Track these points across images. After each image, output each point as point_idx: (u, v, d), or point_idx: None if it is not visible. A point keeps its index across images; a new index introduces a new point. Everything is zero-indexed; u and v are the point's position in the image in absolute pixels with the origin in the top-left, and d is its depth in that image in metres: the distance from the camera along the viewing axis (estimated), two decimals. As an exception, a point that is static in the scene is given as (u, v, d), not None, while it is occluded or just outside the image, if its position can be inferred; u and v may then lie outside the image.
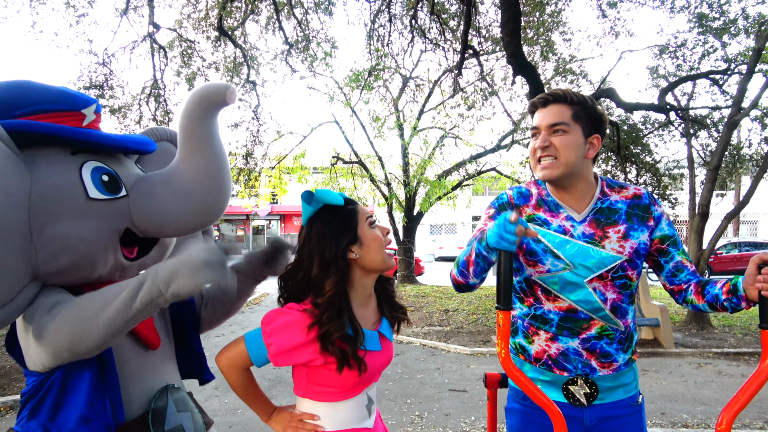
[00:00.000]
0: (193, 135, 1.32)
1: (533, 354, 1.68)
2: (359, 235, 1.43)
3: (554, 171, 1.61)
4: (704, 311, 1.61)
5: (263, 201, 18.66)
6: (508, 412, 1.77)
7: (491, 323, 9.22)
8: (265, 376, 5.91)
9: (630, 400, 1.67)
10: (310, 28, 11.66)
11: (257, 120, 12.72)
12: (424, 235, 30.74)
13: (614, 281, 1.61)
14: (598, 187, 1.69)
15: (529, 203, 1.72)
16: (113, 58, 10.63)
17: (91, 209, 1.32)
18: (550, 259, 1.62)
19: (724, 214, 8.63)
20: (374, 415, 1.55)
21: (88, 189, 1.32)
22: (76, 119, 1.39)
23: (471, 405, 5.00)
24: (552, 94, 1.65)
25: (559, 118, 1.61)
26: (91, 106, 1.42)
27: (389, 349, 1.54)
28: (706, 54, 9.69)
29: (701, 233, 8.62)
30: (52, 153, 1.33)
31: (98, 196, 1.33)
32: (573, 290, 1.61)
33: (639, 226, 1.64)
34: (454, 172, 15.53)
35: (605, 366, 1.62)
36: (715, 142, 10.29)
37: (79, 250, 1.29)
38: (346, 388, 1.43)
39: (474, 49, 10.02)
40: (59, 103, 1.36)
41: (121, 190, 1.38)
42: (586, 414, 1.63)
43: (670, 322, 7.62)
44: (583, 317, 1.61)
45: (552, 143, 1.61)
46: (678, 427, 4.43)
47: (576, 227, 1.63)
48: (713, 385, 5.66)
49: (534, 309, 1.68)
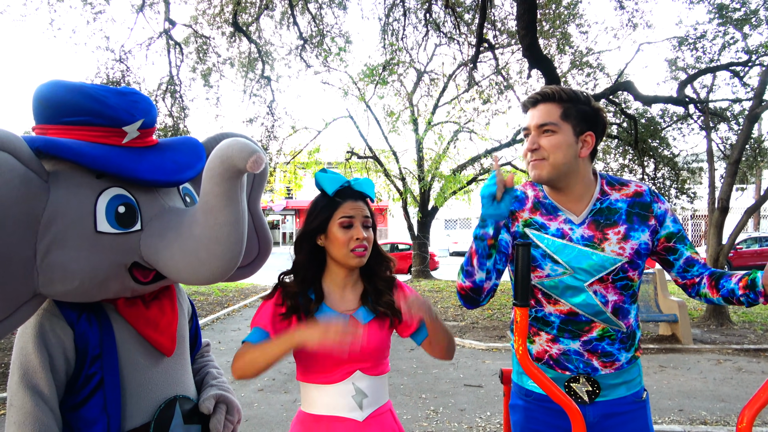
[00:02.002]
0: (211, 192, 1.23)
1: (534, 353, 1.67)
2: (327, 229, 1.58)
3: (542, 171, 1.58)
4: (718, 304, 1.58)
5: (278, 196, 18.77)
6: (512, 408, 1.76)
7: (506, 318, 9.19)
8: (281, 371, 5.96)
9: (634, 397, 1.65)
10: (324, 23, 11.67)
11: (272, 115, 12.79)
12: (438, 229, 30.69)
13: (615, 283, 1.59)
14: (597, 186, 1.64)
15: (525, 207, 1.68)
16: (130, 54, 10.75)
17: (97, 242, 1.27)
18: (549, 264, 1.59)
19: (744, 209, 8.49)
20: (369, 411, 1.55)
21: (98, 221, 1.27)
22: (115, 136, 1.33)
23: (486, 400, 4.99)
24: (541, 93, 1.61)
25: (547, 118, 1.57)
26: (135, 123, 1.34)
27: (364, 336, 1.54)
28: (726, 45, 9.53)
29: (721, 228, 8.49)
30: (77, 174, 1.29)
31: (107, 229, 1.28)
32: (573, 294, 1.59)
33: (640, 226, 1.60)
34: (469, 166, 15.47)
35: (607, 365, 1.60)
36: (735, 135, 10.13)
37: (75, 281, 1.25)
38: (324, 367, 1.53)
39: (489, 43, 9.96)
40: (100, 116, 1.30)
41: (135, 223, 1.32)
42: (589, 411, 1.61)
43: (689, 318, 7.53)
44: (584, 320, 1.59)
45: (540, 145, 1.57)
46: (697, 424, 4.37)
47: (575, 230, 1.60)
48: (733, 381, 5.58)
49: (535, 311, 1.66)
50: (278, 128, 13.15)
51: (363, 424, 1.53)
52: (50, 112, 1.32)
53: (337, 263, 1.61)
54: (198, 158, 1.48)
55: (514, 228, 1.66)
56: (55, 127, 1.32)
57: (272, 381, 5.60)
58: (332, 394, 1.54)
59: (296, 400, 4.97)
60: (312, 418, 1.55)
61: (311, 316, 1.53)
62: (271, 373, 5.85)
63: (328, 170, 1.66)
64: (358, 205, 1.60)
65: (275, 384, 5.51)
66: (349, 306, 1.61)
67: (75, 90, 1.29)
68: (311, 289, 1.58)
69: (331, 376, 1.54)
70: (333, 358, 1.51)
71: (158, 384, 1.43)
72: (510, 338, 1.64)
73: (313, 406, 1.56)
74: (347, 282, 1.64)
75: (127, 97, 1.35)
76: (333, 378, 1.54)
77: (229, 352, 6.70)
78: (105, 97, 1.30)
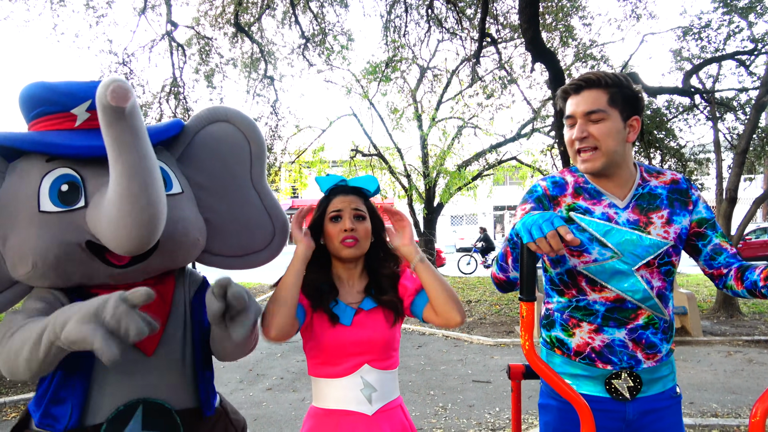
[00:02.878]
0: (105, 146, 1.15)
1: (574, 347, 1.61)
2: (323, 226, 1.66)
3: (596, 163, 1.54)
4: (743, 297, 1.55)
5: (283, 195, 18.79)
6: (543, 408, 1.71)
7: (514, 314, 9.16)
8: (290, 370, 5.96)
9: (670, 392, 1.63)
10: (326, 21, 11.64)
11: (276, 115, 12.77)
12: (444, 226, 30.66)
13: (660, 268, 1.57)
14: (638, 173, 1.64)
15: (566, 192, 1.64)
16: (133, 57, 10.75)
17: (42, 221, 1.29)
18: (596, 248, 1.56)
19: (752, 199, 8.43)
20: (378, 405, 1.57)
21: (41, 200, 1.30)
22: (67, 121, 1.37)
23: (495, 396, 4.98)
24: (584, 79, 1.56)
25: (595, 105, 1.53)
26: (82, 104, 1.37)
27: (369, 326, 1.60)
28: (731, 34, 9.42)
29: (729, 219, 8.42)
30: (31, 160, 1.35)
31: (49, 208, 1.30)
32: (621, 279, 1.56)
33: (681, 211, 1.59)
34: (474, 162, 15.41)
35: (650, 357, 1.57)
36: (742, 124, 10.02)
37: (29, 263, 1.28)
38: (332, 359, 1.57)
39: (492, 37, 9.91)
40: (50, 104, 1.36)
41: (78, 200, 1.32)
42: (629, 408, 1.58)
43: (698, 310, 7.48)
44: (630, 307, 1.56)
45: (590, 133, 1.53)
46: (707, 417, 4.34)
47: (620, 214, 1.58)
48: (743, 373, 5.54)
49: (576, 301, 1.61)
50: (282, 128, 13.13)
51: (372, 418, 1.54)
52: (25, 109, 1.41)
53: (335, 258, 1.67)
54: (160, 130, 1.51)
55: (557, 212, 1.62)
56: (31, 122, 1.41)
57: (281, 380, 5.61)
58: (341, 387, 1.56)
59: (305, 399, 4.98)
60: (323, 413, 1.58)
61: (329, 308, 1.58)
62: (279, 372, 5.86)
63: (331, 174, 1.73)
64: (347, 199, 1.65)
65: (284, 383, 5.51)
66: (356, 299, 1.65)
67: (38, 85, 1.38)
68: (323, 283, 1.64)
69: (340, 370, 1.56)
70: (338, 348, 1.55)
71: (130, 384, 1.37)
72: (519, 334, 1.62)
73: (323, 400, 1.59)
74: (351, 275, 1.68)
75: (83, 83, 1.40)
76: (341, 371, 1.56)
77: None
78: (56, 85, 1.38)
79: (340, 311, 1.59)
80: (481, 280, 14.17)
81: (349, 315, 1.60)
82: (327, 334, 1.57)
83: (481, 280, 14.17)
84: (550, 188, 1.66)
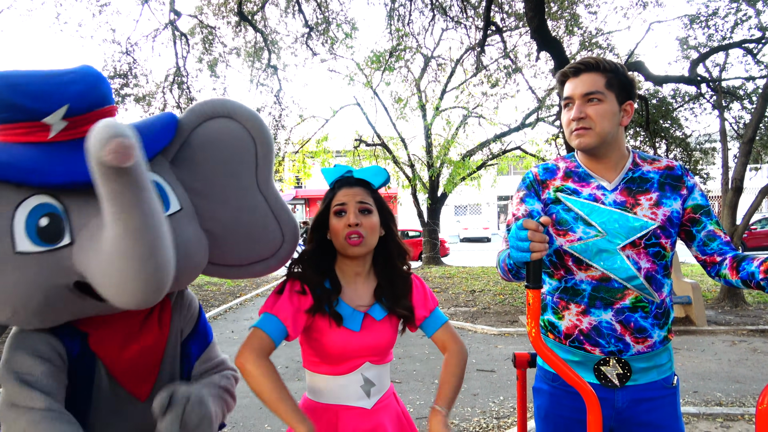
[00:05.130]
0: (102, 197, 0.97)
1: (563, 330, 1.64)
2: (328, 220, 1.57)
3: (589, 140, 1.59)
4: (736, 287, 1.55)
5: (287, 185, 18.79)
6: (536, 392, 1.75)
7: (518, 303, 9.17)
8: (294, 359, 5.99)
9: (664, 382, 1.62)
10: (329, 10, 11.59)
11: (279, 104, 12.77)
12: (448, 216, 30.64)
13: (647, 249, 1.57)
14: (630, 158, 1.67)
15: (557, 176, 1.70)
16: (136, 46, 10.77)
17: (20, 264, 1.07)
18: (581, 227, 1.60)
19: (758, 189, 8.37)
20: (376, 398, 1.56)
21: (16, 240, 1.07)
22: (39, 131, 1.12)
23: (499, 385, 4.99)
24: (583, 62, 1.62)
25: (593, 86, 1.58)
26: (57, 111, 1.11)
27: (378, 332, 1.55)
28: (738, 22, 9.35)
29: (735, 208, 8.39)
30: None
31: (27, 248, 1.08)
32: (606, 257, 1.58)
33: (672, 194, 1.61)
34: (478, 151, 15.39)
35: (639, 342, 1.57)
36: (749, 114, 9.96)
37: (8, 310, 1.10)
38: (334, 360, 1.52)
39: (497, 26, 9.84)
40: (17, 109, 1.10)
41: (62, 237, 1.10)
42: (618, 396, 1.59)
43: (703, 300, 7.47)
44: (616, 286, 1.57)
45: (587, 114, 1.58)
46: (712, 406, 4.35)
47: (607, 195, 1.61)
48: (748, 363, 5.54)
49: (564, 281, 1.64)
50: (286, 117, 13.15)
51: (371, 411, 1.54)
52: None
53: (341, 255, 1.59)
54: (155, 137, 1.26)
55: (544, 195, 1.68)
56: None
57: (285, 369, 5.64)
58: (341, 384, 1.53)
59: (310, 388, 5.00)
60: (320, 407, 1.54)
61: (332, 310, 1.50)
62: (284, 360, 5.89)
63: (338, 165, 1.67)
64: (352, 191, 1.56)
65: (288, 372, 5.55)
66: (363, 301, 1.58)
67: None
68: (327, 279, 1.55)
69: (340, 368, 1.53)
70: (344, 353, 1.51)
71: (124, 428, 1.31)
72: (523, 323, 1.63)
73: (320, 395, 1.56)
74: (358, 274, 1.60)
75: (55, 79, 1.13)
76: (342, 369, 1.53)
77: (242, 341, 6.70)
78: (25, 85, 1.10)
79: (345, 314, 1.52)
80: (486, 269, 14.18)
81: (357, 320, 1.53)
82: (332, 336, 1.50)
83: (486, 269, 14.18)
84: (541, 173, 1.72)
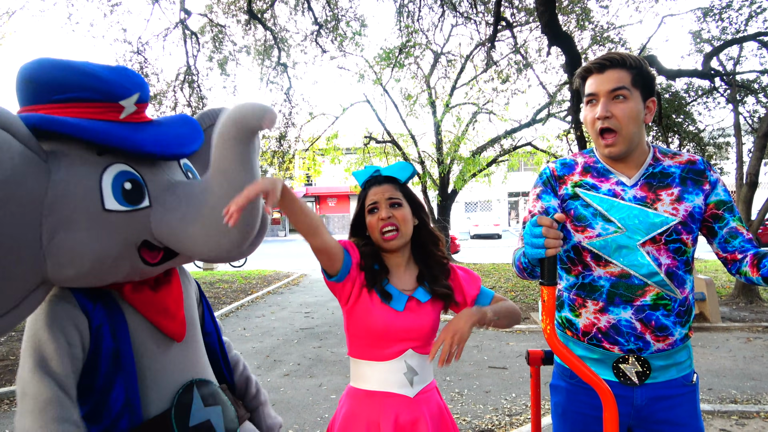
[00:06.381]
0: (224, 157, 1.21)
1: (581, 328, 1.62)
2: (365, 217, 1.69)
3: (619, 148, 1.56)
4: (758, 284, 1.52)
5: (298, 183, 18.83)
6: (553, 389, 1.74)
7: (530, 300, 9.13)
8: (306, 356, 6.01)
9: (683, 380, 1.60)
10: (338, 7, 11.58)
11: (289, 102, 12.78)
12: (459, 212, 30.57)
13: (668, 245, 1.54)
14: (650, 153, 1.63)
15: (575, 171, 1.67)
16: (147, 46, 10.81)
17: (106, 221, 1.22)
18: (600, 223, 1.58)
19: (774, 183, 8.28)
20: (419, 388, 1.61)
21: (105, 199, 1.22)
22: (112, 111, 1.27)
23: (511, 382, 4.98)
24: (609, 58, 1.57)
25: (620, 82, 1.54)
26: (131, 96, 1.28)
27: (420, 315, 1.63)
28: (753, 15, 9.22)
29: (749, 204, 8.30)
30: (77, 152, 1.24)
31: (115, 207, 1.23)
32: (626, 254, 1.55)
33: (694, 189, 1.57)
34: (489, 148, 15.29)
35: (660, 340, 1.54)
36: (763, 107, 9.84)
37: (86, 263, 1.21)
38: (378, 344, 1.58)
39: (507, 21, 9.78)
40: (95, 91, 1.24)
41: (143, 200, 1.28)
42: (637, 393, 1.58)
43: (717, 296, 7.39)
44: (637, 282, 1.55)
45: (613, 113, 1.54)
46: (726, 403, 4.31)
47: (627, 191, 1.58)
48: (763, 360, 5.48)
49: (582, 277, 1.62)
50: (296, 115, 13.14)
51: (414, 400, 1.59)
52: (40, 90, 1.25)
53: (381, 250, 1.68)
54: (197, 132, 1.44)
55: (561, 191, 1.67)
56: (45, 106, 1.25)
57: (298, 366, 5.66)
58: (384, 370, 1.59)
59: (321, 384, 5.02)
60: (364, 394, 1.60)
61: (381, 287, 1.60)
62: (296, 358, 5.92)
63: (367, 166, 1.77)
64: (381, 189, 1.67)
65: (301, 369, 5.57)
66: (407, 286, 1.66)
67: (64, 67, 1.24)
68: (377, 263, 1.66)
69: (385, 353, 1.59)
70: (387, 332, 1.57)
71: (173, 370, 1.41)
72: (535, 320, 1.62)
73: (364, 381, 1.61)
74: (399, 264, 1.69)
75: (120, 71, 1.30)
76: (386, 355, 1.59)
77: (254, 338, 6.77)
78: (98, 72, 1.25)
79: (393, 293, 1.61)
80: (497, 266, 14.14)
81: (401, 300, 1.61)
82: (377, 314, 1.57)
83: (497, 266, 14.14)
84: (558, 169, 1.70)
